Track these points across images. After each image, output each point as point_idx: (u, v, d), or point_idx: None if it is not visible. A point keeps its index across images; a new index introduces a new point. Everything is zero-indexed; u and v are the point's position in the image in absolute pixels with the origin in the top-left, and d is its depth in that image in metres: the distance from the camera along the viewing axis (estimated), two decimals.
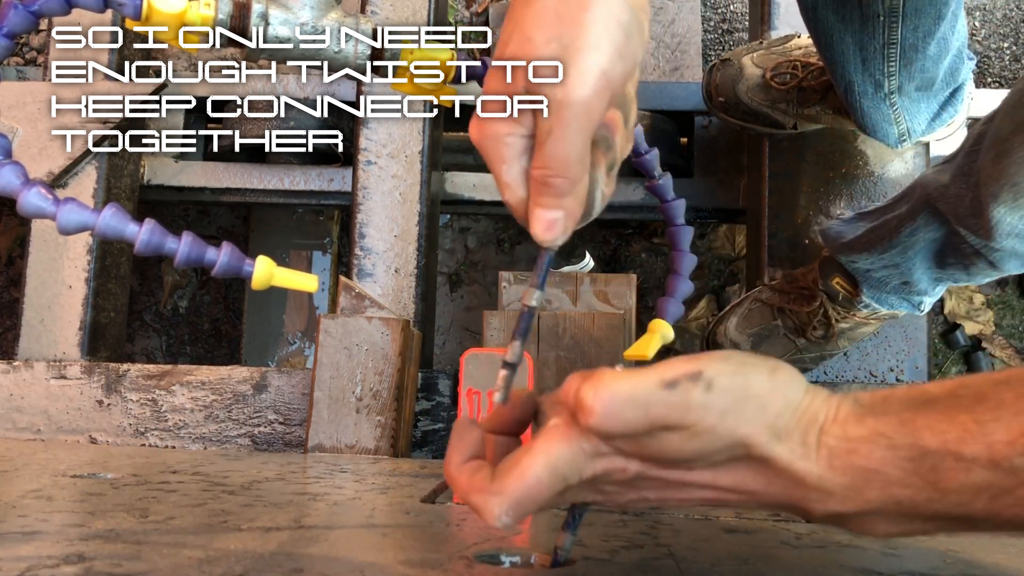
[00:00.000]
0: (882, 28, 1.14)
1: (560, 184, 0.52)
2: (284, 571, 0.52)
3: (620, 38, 0.51)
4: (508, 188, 0.54)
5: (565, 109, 0.51)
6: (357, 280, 1.44)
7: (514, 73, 0.52)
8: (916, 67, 1.20)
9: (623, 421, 0.44)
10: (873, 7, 1.12)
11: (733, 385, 0.44)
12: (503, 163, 0.54)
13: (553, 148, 0.52)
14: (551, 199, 0.53)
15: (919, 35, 1.15)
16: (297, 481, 0.96)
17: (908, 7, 1.12)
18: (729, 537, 0.74)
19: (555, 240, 0.54)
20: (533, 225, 0.54)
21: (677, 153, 1.66)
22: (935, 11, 1.13)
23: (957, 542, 0.75)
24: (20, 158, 1.09)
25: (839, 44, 1.19)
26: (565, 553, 0.55)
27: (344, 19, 0.67)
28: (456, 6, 1.96)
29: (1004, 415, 0.41)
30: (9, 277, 1.89)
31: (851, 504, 0.44)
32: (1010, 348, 1.76)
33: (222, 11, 0.63)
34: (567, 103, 0.51)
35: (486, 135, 0.54)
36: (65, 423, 1.37)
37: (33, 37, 1.96)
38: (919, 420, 0.43)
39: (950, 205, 1.12)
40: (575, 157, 0.52)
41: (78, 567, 0.50)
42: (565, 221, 0.53)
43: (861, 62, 1.20)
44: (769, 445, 0.44)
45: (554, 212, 0.53)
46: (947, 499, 0.42)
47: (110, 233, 0.59)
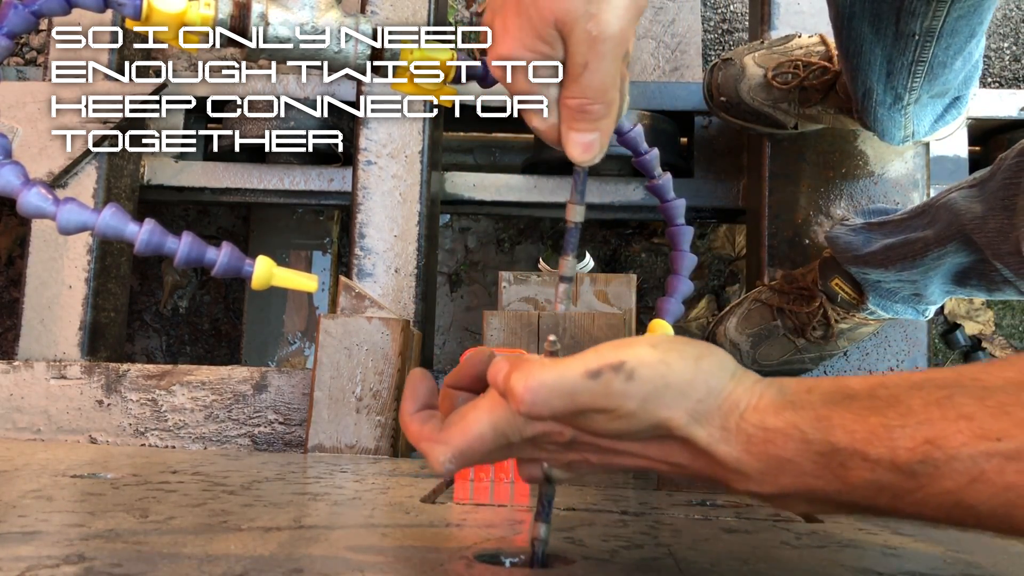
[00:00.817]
0: (915, 46, 1.13)
1: (597, 110, 0.56)
2: (284, 571, 0.52)
3: None
4: (538, 115, 0.57)
5: (601, 43, 0.54)
6: (357, 280, 1.44)
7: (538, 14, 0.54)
8: (939, 80, 1.20)
9: (550, 408, 0.47)
10: (910, 26, 1.10)
11: (654, 374, 0.47)
12: (531, 91, 0.56)
13: (590, 79, 0.55)
14: (587, 124, 0.56)
15: (949, 53, 1.14)
16: (297, 481, 0.96)
17: (946, 28, 1.10)
18: (729, 537, 0.74)
19: (593, 159, 0.57)
20: (571, 148, 0.57)
21: (677, 153, 1.66)
22: (970, 30, 1.11)
23: (957, 542, 0.75)
24: (20, 158, 1.09)
25: (868, 55, 1.18)
26: (543, 544, 0.56)
27: (344, 19, 0.67)
28: (456, 6, 1.96)
29: (910, 422, 0.43)
30: (9, 277, 1.89)
31: (767, 487, 0.47)
32: (1010, 348, 1.76)
33: (222, 11, 0.63)
34: (603, 37, 0.54)
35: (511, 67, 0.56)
36: (65, 423, 1.37)
37: (33, 37, 1.96)
38: (834, 417, 0.45)
39: (989, 239, 1.10)
40: (611, 84, 0.56)
41: (78, 567, 0.50)
42: (601, 140, 0.57)
43: (886, 75, 1.19)
44: (689, 428, 0.47)
45: (590, 135, 0.57)
46: (854, 493, 0.44)
47: (110, 233, 0.59)
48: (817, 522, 0.82)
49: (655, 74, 1.80)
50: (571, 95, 0.56)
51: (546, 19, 0.54)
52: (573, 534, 0.68)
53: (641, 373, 0.47)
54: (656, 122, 1.61)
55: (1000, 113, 1.59)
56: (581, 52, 0.54)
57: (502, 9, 0.56)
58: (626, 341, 0.49)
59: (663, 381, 0.47)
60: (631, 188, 1.61)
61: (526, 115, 0.58)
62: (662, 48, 1.82)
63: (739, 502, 0.95)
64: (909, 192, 1.42)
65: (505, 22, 0.55)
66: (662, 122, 1.62)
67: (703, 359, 0.48)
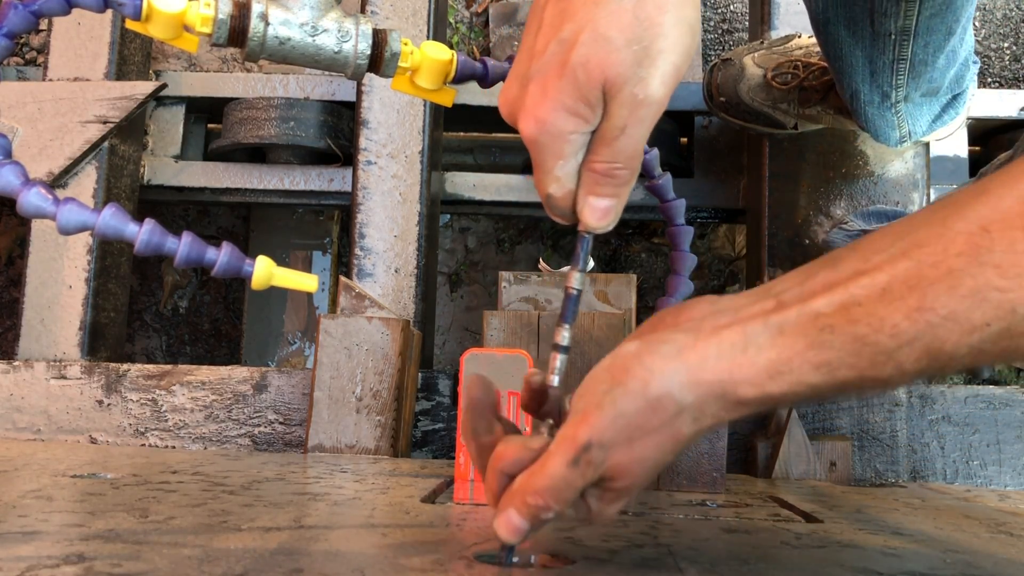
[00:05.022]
0: (893, 46, 1.14)
1: (624, 175, 0.56)
2: (284, 571, 0.52)
3: (689, 39, 0.54)
4: (558, 182, 0.56)
5: (644, 107, 0.54)
6: (357, 280, 1.44)
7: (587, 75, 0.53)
8: (924, 79, 1.20)
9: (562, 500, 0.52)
10: (885, 26, 1.11)
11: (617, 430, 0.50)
12: (560, 159, 0.55)
13: (625, 143, 0.55)
14: (611, 189, 0.56)
15: (929, 51, 1.15)
16: (297, 481, 0.96)
17: (920, 27, 1.11)
18: (729, 537, 0.74)
19: (610, 225, 0.57)
20: (588, 214, 0.56)
21: (677, 153, 1.66)
22: (946, 28, 1.12)
23: (957, 542, 0.76)
24: (20, 158, 1.09)
25: (848, 57, 1.18)
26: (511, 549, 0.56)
27: (344, 19, 0.67)
28: (456, 6, 1.96)
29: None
30: (9, 277, 1.89)
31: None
32: None
33: (222, 11, 0.63)
34: (647, 102, 0.54)
35: (548, 131, 0.55)
36: (65, 423, 1.37)
37: (33, 37, 1.96)
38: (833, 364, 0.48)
39: None
40: (640, 150, 0.56)
41: (78, 567, 0.50)
42: (618, 207, 0.57)
43: (870, 74, 1.19)
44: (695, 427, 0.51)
45: (610, 200, 0.56)
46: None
47: (110, 233, 0.59)
48: (817, 522, 0.82)
49: None
50: (601, 159, 0.55)
51: (595, 81, 0.53)
52: (573, 534, 0.68)
53: (607, 438, 0.50)
54: (656, 122, 1.61)
55: (1000, 113, 1.59)
56: (622, 116, 0.54)
57: (542, 71, 0.54)
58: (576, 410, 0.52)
59: (629, 429, 0.50)
60: None
61: (542, 180, 0.56)
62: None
63: (739, 502, 0.95)
64: (909, 192, 1.42)
65: (545, 84, 0.54)
66: (662, 122, 1.60)
67: (649, 383, 0.50)
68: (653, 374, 0.50)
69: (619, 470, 0.51)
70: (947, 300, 0.45)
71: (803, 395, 0.49)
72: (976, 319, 0.45)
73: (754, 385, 0.49)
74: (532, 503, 0.52)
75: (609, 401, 0.51)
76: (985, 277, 0.44)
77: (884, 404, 1.33)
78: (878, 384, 0.48)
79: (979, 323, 0.45)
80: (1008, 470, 1.31)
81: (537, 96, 0.54)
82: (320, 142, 1.63)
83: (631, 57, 0.52)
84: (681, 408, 0.50)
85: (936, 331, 0.45)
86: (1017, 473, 1.31)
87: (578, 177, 0.56)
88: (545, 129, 0.54)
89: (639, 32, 0.53)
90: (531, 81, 0.55)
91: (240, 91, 1.67)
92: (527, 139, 0.55)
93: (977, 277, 0.44)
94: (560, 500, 0.52)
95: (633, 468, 0.51)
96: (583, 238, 0.58)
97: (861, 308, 0.47)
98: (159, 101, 1.68)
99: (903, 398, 1.33)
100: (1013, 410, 1.32)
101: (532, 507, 0.52)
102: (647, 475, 0.53)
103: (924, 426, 1.33)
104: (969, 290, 0.45)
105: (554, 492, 0.51)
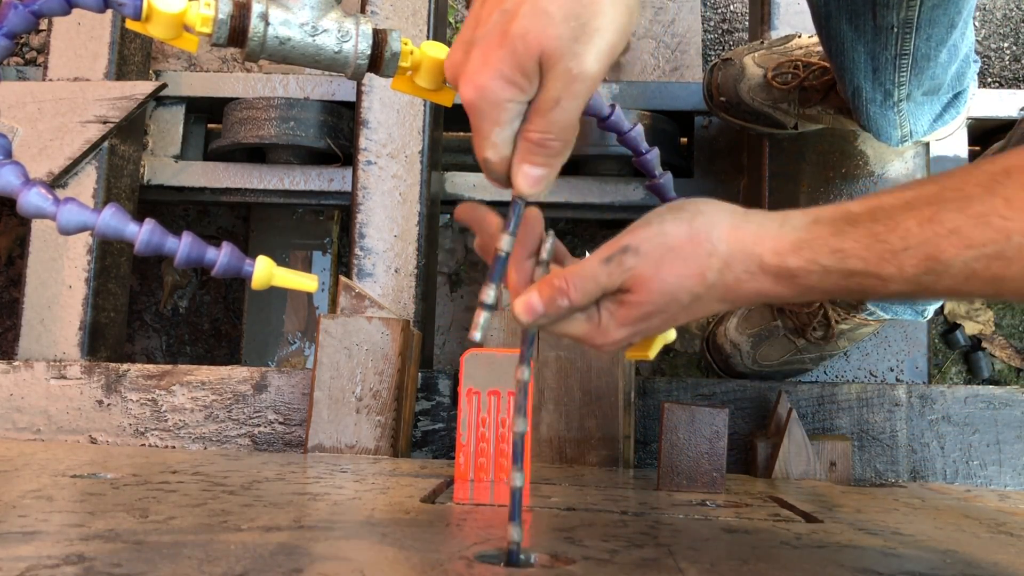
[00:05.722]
0: (895, 39, 1.14)
1: (556, 146, 0.58)
2: (284, 571, 0.52)
3: (625, 19, 0.56)
4: (494, 147, 0.58)
5: (578, 82, 0.56)
6: (357, 280, 1.44)
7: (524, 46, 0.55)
8: (927, 75, 1.20)
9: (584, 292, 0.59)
10: (887, 19, 1.11)
11: (654, 244, 0.58)
12: (497, 126, 0.57)
13: (558, 115, 0.57)
14: (543, 158, 0.59)
15: (931, 45, 1.14)
16: (297, 481, 0.96)
17: (923, 19, 1.11)
18: (729, 537, 0.74)
19: (539, 194, 0.60)
20: (520, 180, 0.59)
21: (677, 153, 1.66)
22: (948, 20, 1.12)
23: (957, 542, 0.76)
24: (20, 158, 1.09)
25: (850, 52, 1.18)
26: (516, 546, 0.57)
27: (344, 19, 0.67)
28: (456, 6, 1.96)
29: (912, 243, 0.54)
30: (9, 277, 1.89)
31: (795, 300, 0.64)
32: (1010, 348, 1.76)
33: (222, 11, 0.63)
34: (582, 77, 0.56)
35: (486, 98, 0.56)
36: (65, 423, 1.37)
37: (33, 37, 1.96)
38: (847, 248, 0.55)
39: None
40: (574, 123, 0.58)
41: (78, 567, 0.50)
42: (550, 176, 0.60)
43: (872, 71, 1.19)
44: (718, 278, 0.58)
45: (542, 169, 0.59)
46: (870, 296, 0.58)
47: (110, 233, 0.59)
48: (817, 522, 0.82)
49: (655, 74, 1.80)
50: (535, 128, 0.57)
51: (532, 52, 0.54)
52: (573, 534, 0.68)
53: (643, 247, 0.58)
54: (656, 122, 1.61)
55: (1000, 113, 1.59)
56: (557, 88, 0.56)
57: (484, 39, 0.56)
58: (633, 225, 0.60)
59: (664, 247, 0.58)
60: (631, 188, 1.61)
61: (479, 144, 0.58)
62: (662, 48, 1.82)
63: (739, 502, 0.95)
64: None
65: (486, 52, 0.56)
66: (662, 122, 1.62)
67: (696, 218, 0.58)
68: (703, 212, 0.59)
69: (640, 282, 0.58)
70: (955, 216, 0.52)
71: (815, 275, 0.56)
72: (976, 237, 0.51)
73: (777, 254, 0.56)
74: (556, 284, 0.58)
75: (658, 220, 0.59)
76: (993, 204, 0.51)
77: (884, 404, 1.33)
78: (878, 282, 0.54)
79: (978, 241, 0.51)
80: (1008, 470, 1.31)
81: (478, 63, 0.56)
82: (320, 142, 1.63)
83: (568, 32, 0.54)
84: (714, 250, 0.58)
85: (939, 241, 0.52)
86: (1017, 473, 1.31)
87: (514, 144, 0.59)
88: (483, 95, 0.56)
89: (577, 9, 0.54)
90: (474, 47, 0.57)
91: (240, 91, 1.67)
92: (466, 103, 0.58)
93: (986, 203, 0.51)
94: (580, 290, 0.58)
95: (652, 285, 0.58)
96: (516, 203, 0.60)
97: (883, 211, 0.54)
98: (159, 101, 1.68)
99: (903, 398, 1.33)
100: (1013, 410, 1.32)
101: (554, 288, 0.58)
102: (660, 305, 0.59)
103: (924, 426, 1.33)
104: (977, 212, 0.51)
105: (579, 280, 0.58)
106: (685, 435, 1.04)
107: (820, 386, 1.35)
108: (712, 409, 1.04)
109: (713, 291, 0.58)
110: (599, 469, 1.20)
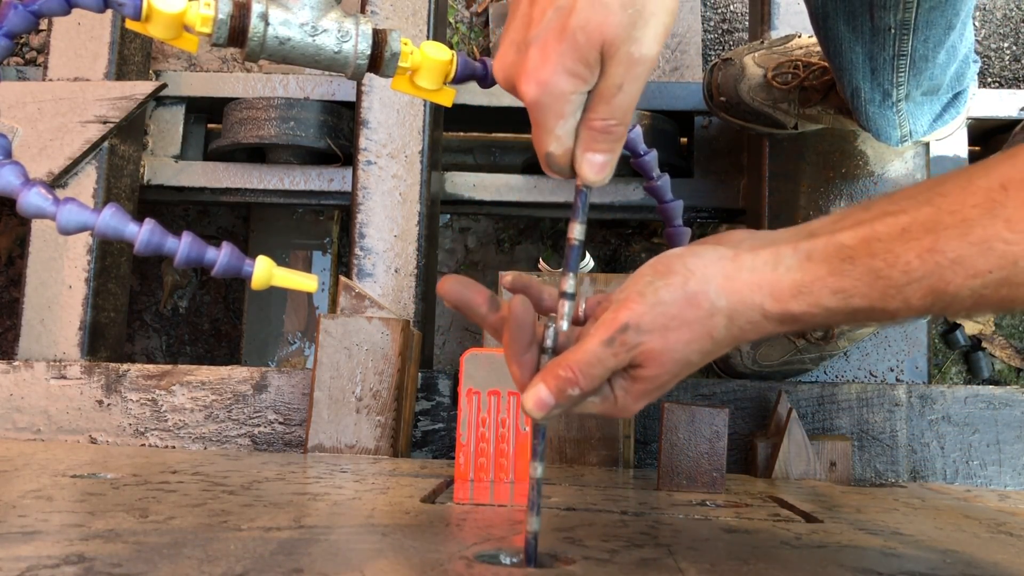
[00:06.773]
0: (893, 40, 1.14)
1: (619, 131, 0.59)
2: (284, 571, 0.52)
3: (675, 2, 0.58)
4: (558, 140, 0.59)
5: (639, 65, 0.57)
6: (357, 280, 1.44)
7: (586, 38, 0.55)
8: (925, 75, 1.20)
9: (591, 378, 0.57)
10: (885, 20, 1.11)
11: (654, 318, 0.56)
12: (561, 118, 0.58)
13: (621, 100, 0.57)
14: (607, 144, 0.59)
15: (929, 46, 1.15)
16: (297, 481, 0.96)
17: (920, 20, 1.11)
18: (729, 537, 0.74)
19: (606, 179, 0.60)
20: (585, 168, 0.59)
21: (677, 153, 1.66)
22: (946, 22, 1.12)
23: (957, 542, 0.75)
24: (20, 158, 1.09)
25: (848, 53, 1.18)
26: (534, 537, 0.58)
27: (344, 19, 0.67)
28: (456, 6, 1.96)
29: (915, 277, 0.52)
30: (9, 277, 1.89)
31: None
32: (1010, 348, 1.76)
33: (222, 11, 0.63)
34: (642, 60, 0.57)
35: (550, 92, 0.57)
36: (65, 423, 1.37)
37: (33, 37, 1.96)
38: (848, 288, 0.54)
39: None
40: (633, 107, 0.59)
41: (78, 567, 0.50)
42: (614, 161, 0.60)
43: (870, 71, 1.19)
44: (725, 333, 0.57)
45: (606, 155, 0.59)
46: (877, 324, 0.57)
47: (110, 233, 0.59)
48: (817, 522, 0.82)
49: (655, 74, 1.80)
50: (599, 116, 0.58)
51: (594, 42, 0.55)
52: (573, 534, 0.68)
53: (644, 322, 0.56)
54: (656, 122, 1.61)
55: (1000, 113, 1.59)
56: (619, 74, 0.57)
57: (541, 36, 0.57)
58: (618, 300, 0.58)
59: (666, 317, 0.56)
60: (631, 188, 1.61)
61: (542, 139, 0.59)
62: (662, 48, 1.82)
63: (739, 502, 0.95)
64: None
65: (545, 48, 0.56)
66: (662, 122, 1.62)
67: (688, 282, 0.57)
68: (693, 273, 0.57)
69: (650, 357, 0.57)
70: (957, 245, 0.50)
71: (819, 317, 0.55)
72: (980, 265, 0.49)
73: (778, 300, 0.55)
74: (563, 375, 0.56)
75: (651, 290, 0.57)
76: (995, 228, 0.49)
77: (884, 404, 1.33)
78: (886, 316, 0.53)
79: (982, 269, 0.49)
80: (1008, 470, 1.31)
81: (537, 60, 0.57)
82: (320, 142, 1.63)
83: (627, 19, 0.55)
84: (715, 309, 0.56)
85: (943, 272, 0.50)
86: (1017, 473, 1.31)
87: (575, 135, 0.59)
88: (548, 90, 0.57)
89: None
90: (530, 46, 0.57)
91: (240, 91, 1.67)
92: (529, 101, 0.58)
93: (987, 228, 0.49)
94: (589, 376, 0.56)
95: (663, 358, 0.57)
96: (581, 192, 0.61)
97: (880, 244, 0.52)
98: (159, 101, 1.68)
99: (903, 398, 1.33)
100: (1013, 410, 1.32)
101: (562, 379, 0.56)
102: (674, 372, 0.58)
103: (924, 426, 1.33)
104: (978, 238, 0.49)
105: (585, 367, 0.56)
106: (685, 435, 1.04)
107: (820, 386, 1.35)
108: (712, 409, 1.04)
109: (721, 345, 0.58)
110: (599, 469, 1.20)
